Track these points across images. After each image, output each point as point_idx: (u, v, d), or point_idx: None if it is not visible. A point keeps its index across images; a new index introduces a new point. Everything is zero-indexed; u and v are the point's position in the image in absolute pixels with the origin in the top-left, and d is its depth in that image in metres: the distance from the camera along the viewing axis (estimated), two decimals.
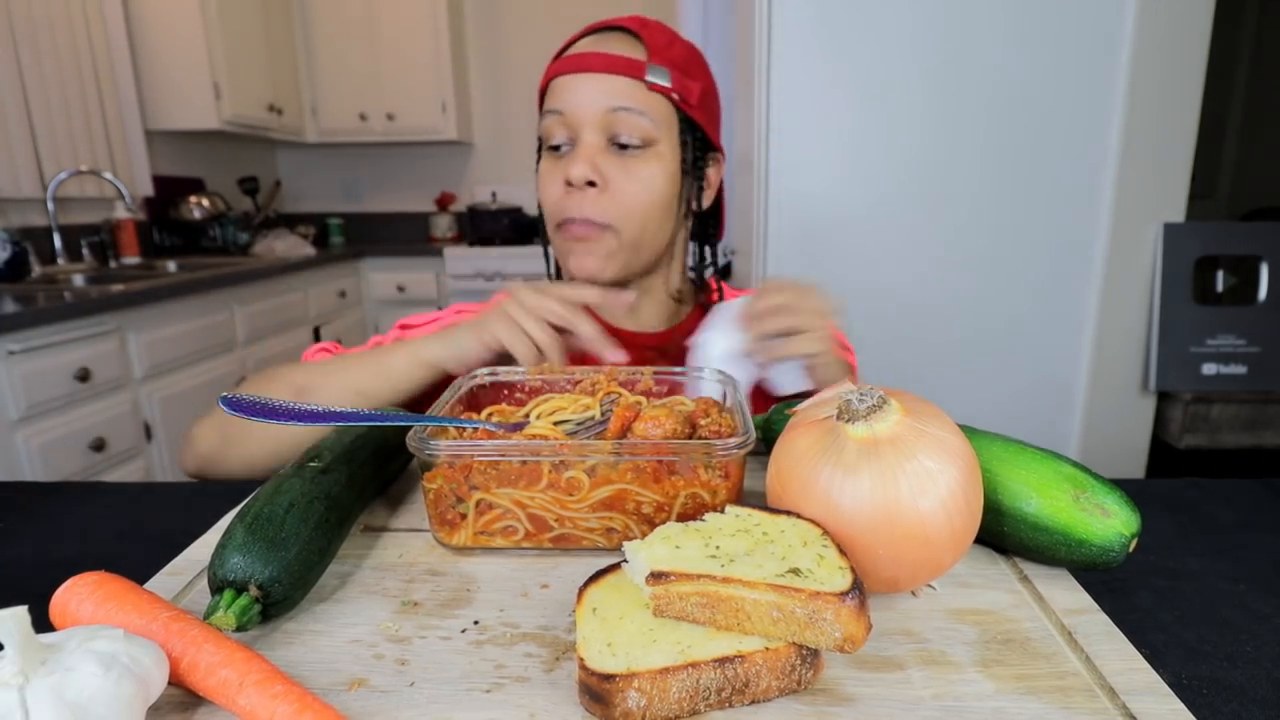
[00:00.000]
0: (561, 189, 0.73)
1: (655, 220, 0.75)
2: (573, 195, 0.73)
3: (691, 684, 0.32)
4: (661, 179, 0.74)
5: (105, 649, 0.30)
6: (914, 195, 1.43)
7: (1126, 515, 0.43)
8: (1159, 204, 1.42)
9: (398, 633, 0.39)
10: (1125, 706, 0.33)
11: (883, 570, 0.39)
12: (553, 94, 0.74)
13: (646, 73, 0.72)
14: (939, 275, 1.46)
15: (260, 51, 3.11)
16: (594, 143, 0.72)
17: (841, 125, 1.41)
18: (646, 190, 0.73)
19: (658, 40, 0.74)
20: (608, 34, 0.75)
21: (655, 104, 0.73)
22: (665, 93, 0.73)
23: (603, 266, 0.75)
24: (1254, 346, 1.45)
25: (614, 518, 0.47)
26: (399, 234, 3.94)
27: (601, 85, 0.71)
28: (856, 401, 0.40)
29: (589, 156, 0.72)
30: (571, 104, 0.72)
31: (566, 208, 0.73)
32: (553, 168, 0.75)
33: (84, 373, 1.79)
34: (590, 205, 0.72)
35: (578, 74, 0.72)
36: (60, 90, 2.38)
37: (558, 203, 0.74)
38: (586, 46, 0.74)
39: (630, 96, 0.71)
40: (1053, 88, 1.37)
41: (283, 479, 0.45)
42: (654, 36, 0.74)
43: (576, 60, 0.72)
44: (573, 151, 0.73)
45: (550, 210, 0.76)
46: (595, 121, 0.72)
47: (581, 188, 0.72)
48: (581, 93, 0.72)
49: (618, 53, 0.72)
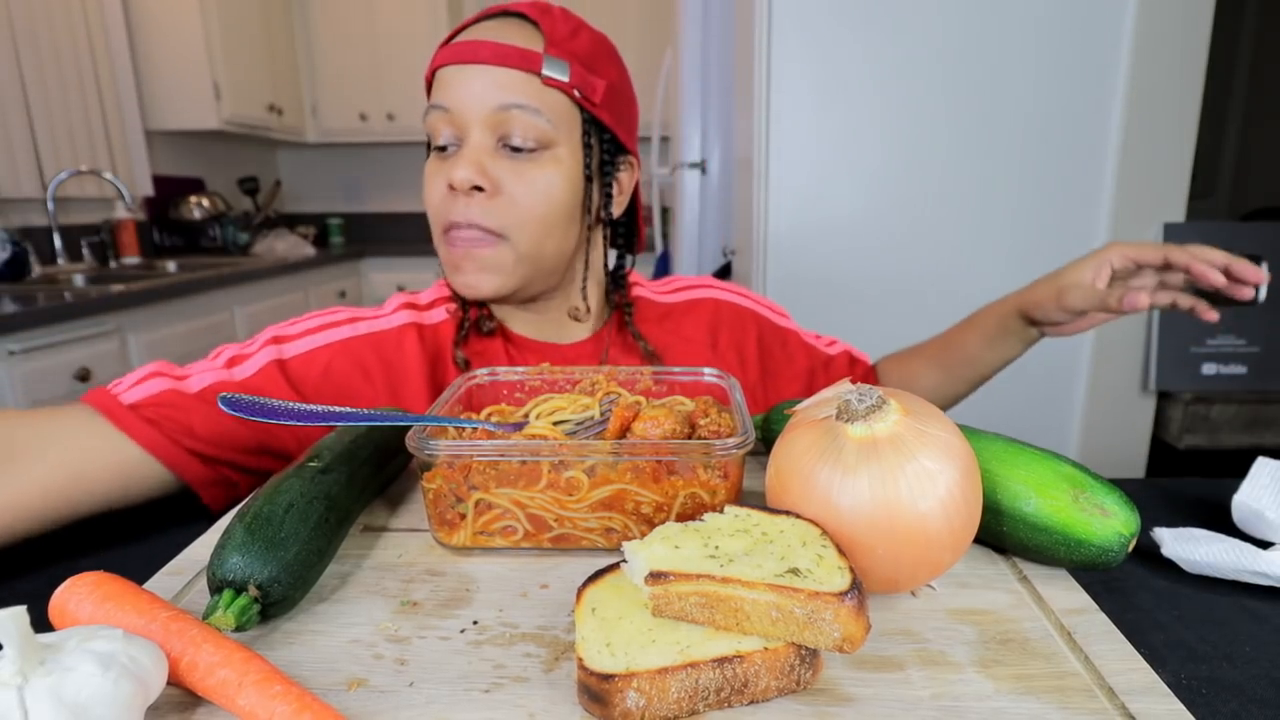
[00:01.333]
0: (444, 193, 0.66)
1: (555, 230, 0.68)
2: (458, 199, 0.66)
3: (690, 684, 0.32)
4: (560, 184, 0.67)
5: (104, 649, 0.30)
6: (913, 195, 1.43)
7: (1126, 515, 0.43)
8: (1159, 204, 1.42)
9: (397, 633, 0.39)
10: (1124, 706, 0.33)
11: (882, 570, 0.39)
12: (438, 86, 0.66)
13: (542, 65, 0.64)
14: (939, 275, 1.46)
15: (260, 51, 3.11)
16: (482, 143, 0.65)
17: (841, 125, 1.41)
18: (543, 197, 0.66)
19: (558, 29, 0.66)
20: (503, 20, 0.67)
21: (553, 101, 0.65)
22: (564, 88, 0.65)
23: (495, 281, 0.68)
24: (1254, 346, 1.45)
25: (613, 518, 0.47)
26: (399, 234, 3.95)
27: (491, 78, 0.64)
28: (856, 401, 0.40)
29: (475, 159, 0.64)
30: (457, 99, 0.65)
31: (450, 210, 0.66)
32: (437, 169, 0.67)
33: (84, 373, 1.79)
34: (478, 210, 0.65)
35: (465, 65, 0.64)
36: (60, 90, 2.38)
37: (440, 205, 0.67)
38: (477, 33, 0.66)
39: (523, 92, 0.64)
40: (1053, 88, 1.37)
41: (282, 479, 0.45)
42: (554, 25, 0.66)
43: (463, 49, 0.64)
44: (458, 152, 0.66)
45: (434, 215, 0.68)
46: (483, 119, 0.64)
47: (467, 192, 0.65)
48: (468, 87, 0.64)
49: (510, 42, 0.64)
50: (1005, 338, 0.78)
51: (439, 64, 0.66)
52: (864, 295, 1.48)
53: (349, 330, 0.71)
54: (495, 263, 0.67)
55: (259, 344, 0.68)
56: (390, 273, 3.51)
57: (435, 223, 0.69)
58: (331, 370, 0.68)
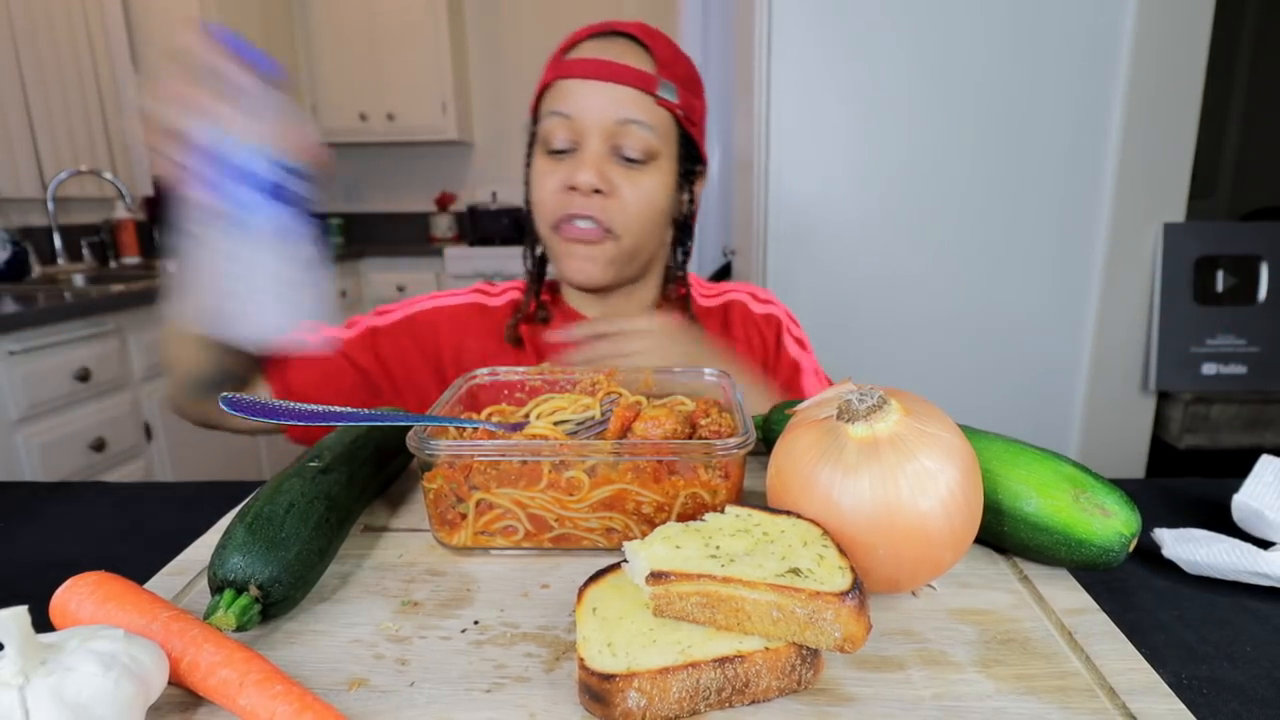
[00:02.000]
0: (562, 190, 0.73)
1: (652, 231, 0.76)
2: (575, 197, 0.72)
3: (691, 684, 0.32)
4: (661, 192, 0.75)
5: (105, 649, 0.30)
6: (914, 195, 1.43)
7: (1126, 515, 0.43)
8: (1159, 204, 1.42)
9: (398, 633, 0.39)
10: (1125, 706, 0.33)
11: (883, 570, 0.39)
12: (558, 96, 0.73)
13: (657, 87, 0.72)
14: (939, 275, 1.46)
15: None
16: (600, 151, 0.72)
17: (841, 125, 1.41)
18: (648, 202, 0.74)
19: (665, 53, 0.73)
20: (613, 40, 0.74)
21: (661, 118, 0.73)
22: (672, 108, 0.73)
23: (603, 272, 0.76)
24: (1254, 346, 1.45)
25: (614, 518, 0.47)
26: (399, 234, 3.94)
27: (612, 95, 0.71)
28: (856, 401, 0.40)
29: (597, 164, 0.71)
30: (580, 109, 0.71)
31: (568, 205, 0.73)
32: (552, 168, 0.74)
33: (84, 373, 1.79)
34: (596, 208, 0.72)
35: (588, 80, 0.71)
36: (60, 90, 2.38)
37: (557, 199, 0.73)
38: (594, 52, 0.73)
39: (639, 109, 0.71)
40: (1053, 88, 1.37)
41: (283, 479, 0.45)
42: (661, 48, 0.73)
43: (588, 66, 0.71)
44: (576, 156, 0.73)
45: (549, 207, 0.75)
46: (602, 130, 0.71)
47: (587, 194, 0.72)
48: (591, 100, 0.71)
49: (629, 63, 0.71)
50: None
51: (560, 75, 0.73)
52: (864, 295, 1.48)
53: (427, 303, 0.84)
54: (603, 255, 0.75)
55: (370, 313, 0.84)
56: (390, 273, 3.51)
57: (547, 215, 0.75)
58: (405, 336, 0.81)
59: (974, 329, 1.48)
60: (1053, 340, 1.48)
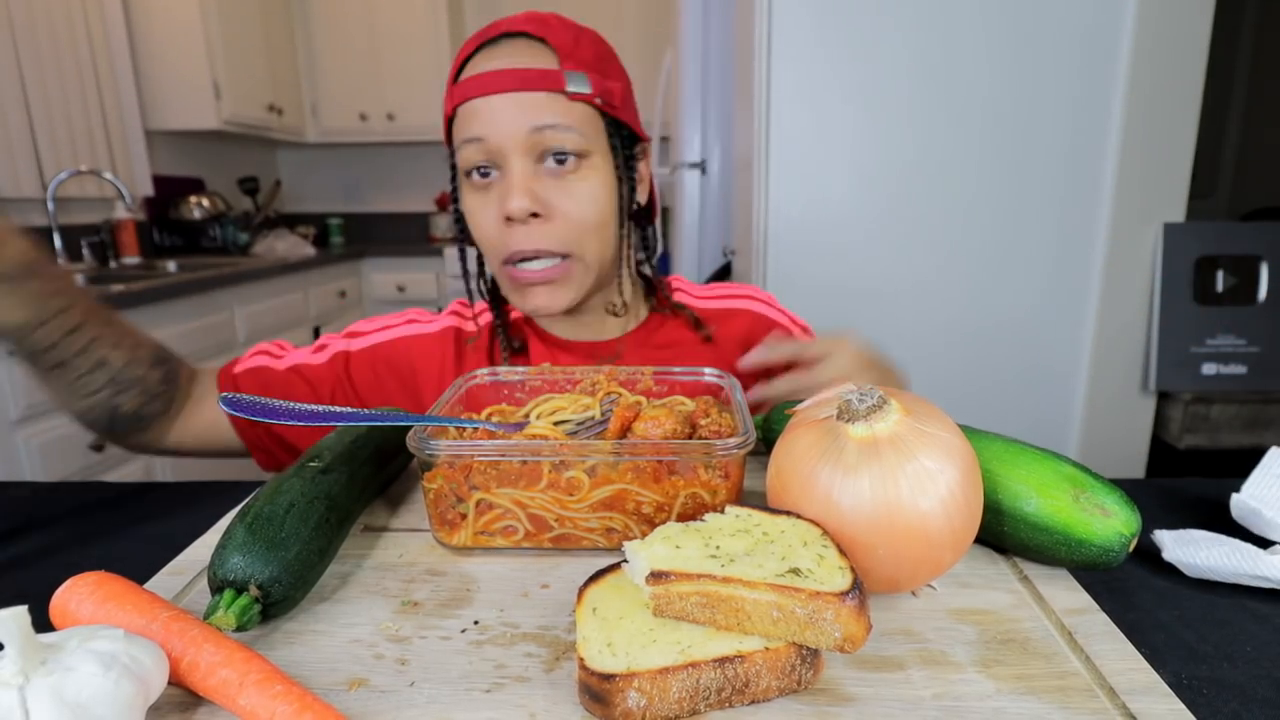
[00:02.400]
0: (499, 223, 0.66)
1: (607, 234, 0.70)
2: (515, 229, 0.66)
3: (691, 684, 0.32)
4: (602, 192, 0.68)
5: (105, 649, 0.30)
6: (914, 195, 1.43)
7: (1126, 515, 0.43)
8: (1159, 204, 1.42)
9: (398, 633, 0.39)
10: (1125, 706, 0.33)
11: (883, 570, 0.39)
12: (465, 121, 0.66)
13: (565, 82, 0.64)
14: (939, 275, 1.46)
15: (260, 51, 3.11)
16: (524, 169, 0.65)
17: (840, 126, 1.41)
18: (592, 206, 0.67)
19: (564, 41, 0.66)
20: (504, 43, 0.66)
21: (580, 114, 0.66)
22: (588, 100, 0.66)
23: (567, 296, 0.70)
24: (1254, 346, 1.45)
25: (614, 518, 0.47)
26: (399, 234, 3.94)
27: (519, 104, 0.64)
28: (856, 401, 0.40)
29: (525, 185, 0.65)
30: (491, 129, 0.64)
31: (513, 241, 0.67)
32: (482, 200, 0.68)
33: None
34: (539, 236, 0.66)
35: (491, 95, 0.64)
36: (60, 90, 2.37)
37: (499, 238, 0.67)
38: (488, 63, 0.65)
39: (552, 111, 0.64)
40: (1052, 88, 1.37)
41: (283, 479, 0.45)
42: (559, 38, 0.66)
43: (486, 80, 0.64)
44: (502, 180, 0.66)
45: (492, 246, 0.69)
46: (520, 144, 0.64)
47: (525, 220, 0.66)
48: (499, 115, 0.64)
49: (528, 65, 0.64)
50: None
51: (462, 99, 0.66)
52: (864, 295, 1.48)
53: (403, 330, 0.79)
54: (566, 280, 0.69)
55: (341, 335, 0.79)
56: (390, 273, 3.51)
57: (494, 254, 0.69)
58: (379, 365, 0.77)
59: (974, 328, 1.48)
60: (1053, 340, 1.48)
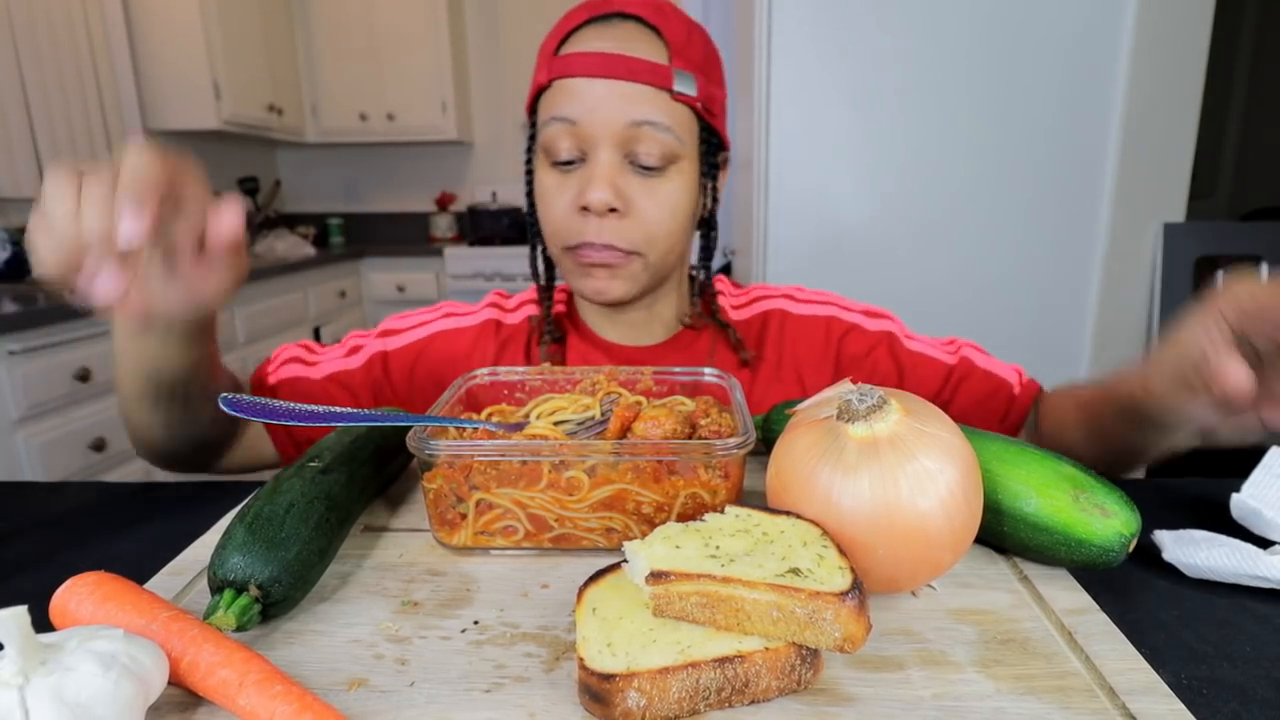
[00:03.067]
0: (573, 210, 0.65)
1: (680, 239, 0.69)
2: (589, 220, 0.64)
3: (691, 684, 0.32)
4: (684, 196, 0.66)
5: (105, 649, 0.30)
6: (913, 195, 1.43)
7: (1126, 515, 0.43)
8: (1159, 204, 1.42)
9: (398, 633, 0.39)
10: (1125, 706, 0.33)
11: (882, 570, 0.39)
12: (558, 97, 0.63)
13: (673, 81, 0.62)
14: (939, 275, 1.46)
15: (260, 51, 3.11)
16: (612, 161, 0.63)
17: (840, 126, 1.41)
18: (671, 212, 0.65)
19: (678, 35, 0.63)
20: (616, 23, 0.63)
21: (679, 115, 0.63)
22: (691, 102, 0.63)
23: (625, 288, 0.68)
24: None
25: (614, 518, 0.47)
26: (399, 234, 3.94)
27: (621, 93, 0.61)
28: (856, 401, 0.40)
29: (610, 179, 0.62)
30: (585, 114, 0.62)
31: (582, 231, 0.65)
32: (561, 184, 0.65)
33: (84, 373, 1.79)
34: (611, 231, 0.64)
35: (594, 79, 0.61)
36: (60, 90, 2.37)
37: (568, 223, 0.65)
38: (597, 42, 0.62)
39: (655, 108, 0.62)
40: (1053, 88, 1.37)
41: (283, 479, 0.45)
42: (674, 30, 0.63)
43: (589, 61, 0.61)
44: (586, 170, 0.64)
45: (559, 230, 0.67)
46: (614, 135, 0.62)
47: (602, 214, 0.63)
48: (598, 102, 0.61)
49: (639, 55, 0.61)
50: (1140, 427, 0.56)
51: (559, 74, 0.63)
52: (863, 294, 1.47)
53: (440, 325, 0.77)
54: (627, 274, 0.67)
55: (374, 335, 0.77)
56: (390, 272, 3.51)
57: (559, 238, 0.67)
58: (419, 363, 0.75)
59: (974, 328, 1.48)
60: (1053, 340, 1.48)
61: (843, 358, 0.77)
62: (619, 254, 0.65)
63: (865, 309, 0.81)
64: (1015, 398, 0.74)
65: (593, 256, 0.66)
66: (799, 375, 0.77)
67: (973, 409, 0.74)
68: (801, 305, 0.80)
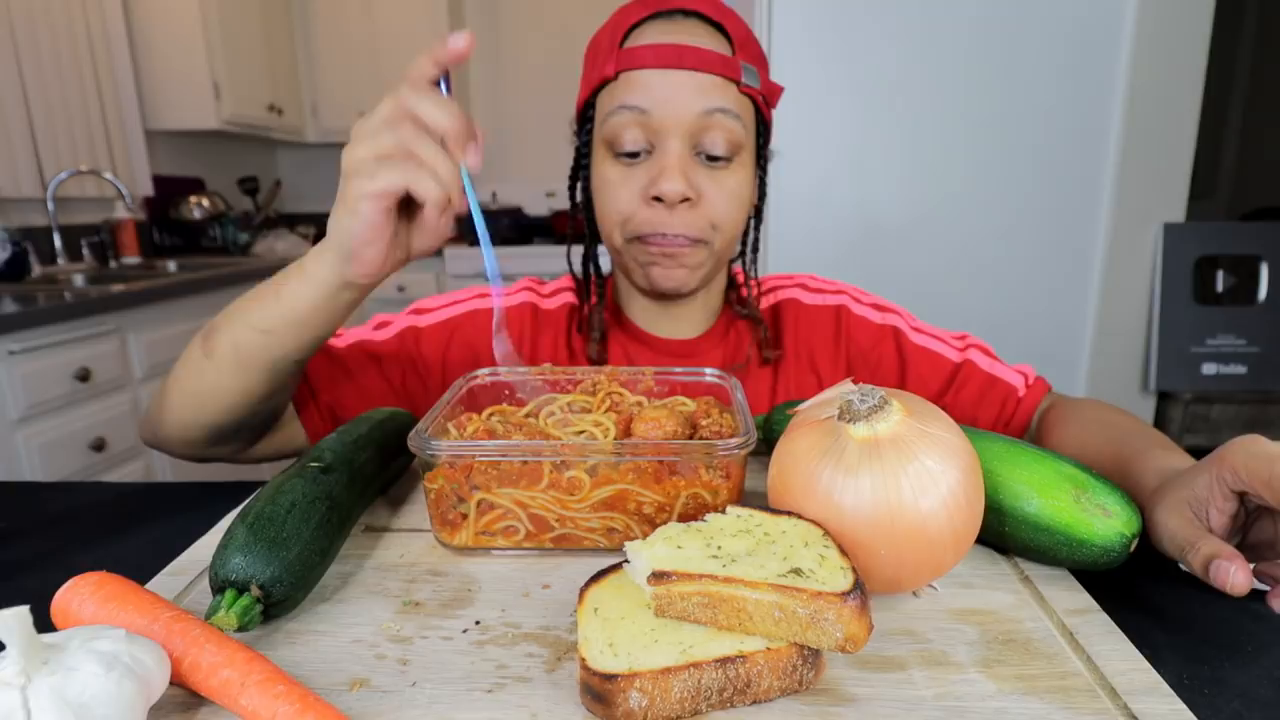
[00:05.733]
0: (640, 201, 0.65)
1: (739, 229, 0.70)
2: (658, 210, 0.65)
3: (693, 684, 0.32)
4: (747, 188, 0.68)
5: (107, 649, 0.30)
6: (914, 195, 1.43)
7: (1127, 515, 0.43)
8: (1159, 204, 1.42)
9: (399, 633, 0.39)
10: (1127, 706, 0.33)
11: (884, 570, 0.39)
12: (627, 89, 0.64)
13: (741, 73, 0.64)
14: (939, 275, 1.46)
15: (260, 51, 3.10)
16: (681, 152, 0.64)
17: (841, 126, 1.41)
18: (736, 201, 0.67)
19: (740, 32, 0.66)
20: (681, 20, 0.65)
21: (745, 107, 0.65)
22: (755, 95, 0.66)
23: (692, 276, 0.69)
24: (1254, 346, 1.45)
25: (615, 518, 0.47)
26: None
27: (696, 84, 0.62)
28: (858, 402, 0.40)
29: (682, 168, 0.63)
30: (659, 103, 0.62)
31: (653, 222, 0.65)
32: (626, 175, 0.66)
33: (84, 373, 1.79)
34: (682, 221, 0.65)
35: (666, 69, 0.62)
36: (60, 90, 2.37)
37: (636, 214, 0.66)
38: (662, 35, 0.63)
39: (725, 97, 0.63)
40: (1053, 88, 1.37)
41: (284, 479, 0.45)
42: (736, 27, 0.65)
43: (662, 52, 0.62)
44: (655, 161, 0.64)
45: (627, 221, 0.67)
46: (685, 125, 0.63)
47: (673, 205, 0.64)
48: (673, 92, 0.62)
49: (709, 47, 0.63)
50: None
51: (627, 66, 0.64)
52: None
53: (476, 304, 0.77)
54: (694, 261, 0.68)
55: (403, 314, 0.77)
56: None
57: (627, 229, 0.68)
58: (455, 339, 0.75)
59: (973, 328, 1.47)
60: (1053, 340, 1.48)
61: (851, 349, 0.78)
62: (688, 242, 0.67)
63: (875, 302, 0.82)
64: (1020, 401, 0.74)
65: (665, 245, 0.67)
66: (814, 365, 0.78)
67: (974, 411, 0.75)
68: (813, 295, 0.81)
